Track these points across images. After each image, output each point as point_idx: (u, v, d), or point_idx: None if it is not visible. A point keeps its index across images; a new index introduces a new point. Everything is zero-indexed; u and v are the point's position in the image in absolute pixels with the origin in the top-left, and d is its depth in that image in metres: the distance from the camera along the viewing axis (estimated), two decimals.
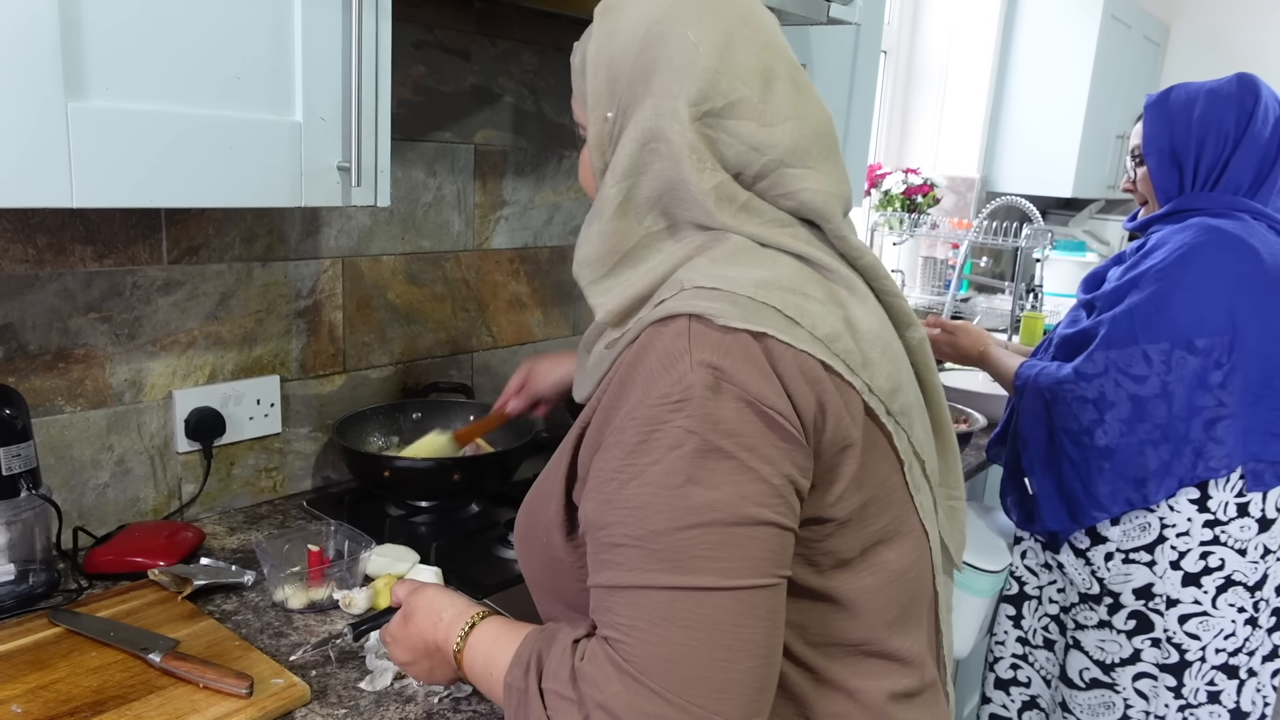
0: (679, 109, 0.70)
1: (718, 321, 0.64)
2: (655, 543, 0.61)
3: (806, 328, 0.66)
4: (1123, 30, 3.42)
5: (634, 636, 0.61)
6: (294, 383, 1.39)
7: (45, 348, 1.13)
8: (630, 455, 0.63)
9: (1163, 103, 1.53)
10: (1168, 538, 1.46)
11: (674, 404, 0.62)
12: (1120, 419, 1.43)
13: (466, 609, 0.80)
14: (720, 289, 0.66)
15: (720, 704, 0.59)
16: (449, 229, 1.56)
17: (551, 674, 0.65)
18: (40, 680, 0.88)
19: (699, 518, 0.60)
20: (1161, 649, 1.49)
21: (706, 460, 0.61)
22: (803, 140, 0.73)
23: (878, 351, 0.71)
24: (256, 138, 0.92)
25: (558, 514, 0.74)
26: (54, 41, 0.76)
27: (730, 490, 0.61)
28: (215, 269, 1.27)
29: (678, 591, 0.60)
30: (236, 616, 1.04)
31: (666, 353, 0.64)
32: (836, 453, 0.67)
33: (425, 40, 1.45)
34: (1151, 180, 1.56)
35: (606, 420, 0.67)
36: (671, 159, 0.71)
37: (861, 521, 0.70)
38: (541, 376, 1.29)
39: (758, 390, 0.62)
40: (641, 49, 0.73)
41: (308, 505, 1.37)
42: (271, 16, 0.91)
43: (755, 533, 0.61)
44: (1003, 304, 3.21)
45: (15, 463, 1.00)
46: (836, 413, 0.66)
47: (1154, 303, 1.43)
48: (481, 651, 0.75)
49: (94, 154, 0.80)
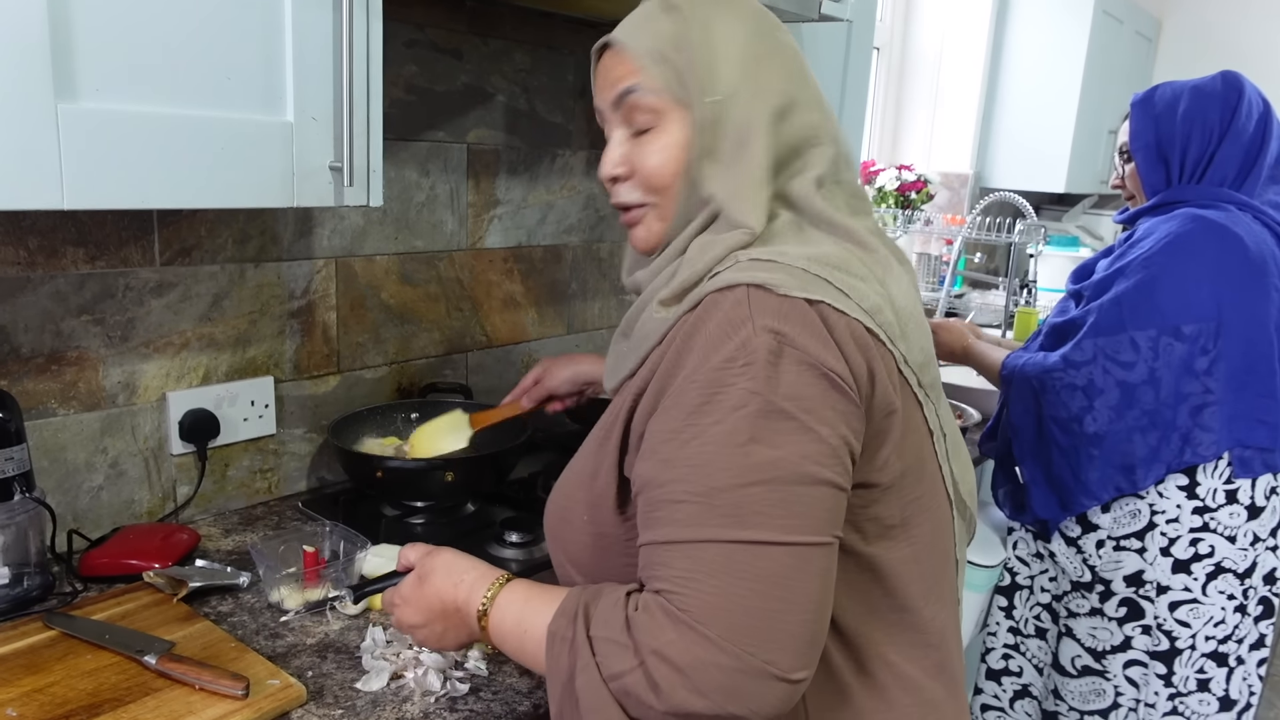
0: (791, 98, 0.77)
1: (777, 290, 0.67)
2: (716, 499, 0.63)
3: (855, 299, 0.70)
4: (1115, 25, 3.43)
5: (690, 588, 0.63)
6: (288, 384, 1.39)
7: (38, 350, 1.12)
8: (692, 415, 0.65)
9: (1148, 100, 1.55)
10: (1158, 524, 1.48)
11: (739, 367, 0.64)
12: (1109, 406, 1.44)
13: (489, 571, 0.81)
14: (776, 261, 0.70)
15: (773, 653, 0.61)
16: (442, 228, 1.56)
17: (602, 622, 0.66)
18: (35, 684, 0.87)
19: (761, 475, 0.63)
20: (1152, 636, 1.50)
21: (769, 420, 0.63)
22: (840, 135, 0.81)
23: (912, 326, 0.76)
24: (248, 138, 0.91)
25: (608, 487, 0.76)
26: (43, 43, 0.76)
27: (792, 449, 0.63)
28: (208, 270, 1.26)
29: (737, 545, 0.62)
30: (232, 618, 1.04)
31: (728, 319, 0.67)
32: (884, 416, 0.71)
33: (417, 39, 1.45)
34: (1139, 176, 1.57)
35: (664, 386, 0.70)
36: (793, 139, 0.77)
37: (901, 489, 0.74)
38: (556, 373, 1.32)
39: (818, 353, 0.65)
40: (747, 43, 0.78)
41: (303, 506, 1.37)
42: (262, 16, 0.91)
43: (814, 491, 0.64)
44: (997, 299, 3.21)
45: (9, 466, 1.00)
46: (883, 378, 0.70)
47: (1141, 290, 1.44)
48: (513, 611, 0.76)
49: (85, 155, 0.80)
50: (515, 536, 1.24)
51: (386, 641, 0.98)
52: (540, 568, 1.21)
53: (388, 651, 0.96)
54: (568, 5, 1.55)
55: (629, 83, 0.79)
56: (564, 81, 1.71)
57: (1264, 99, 1.52)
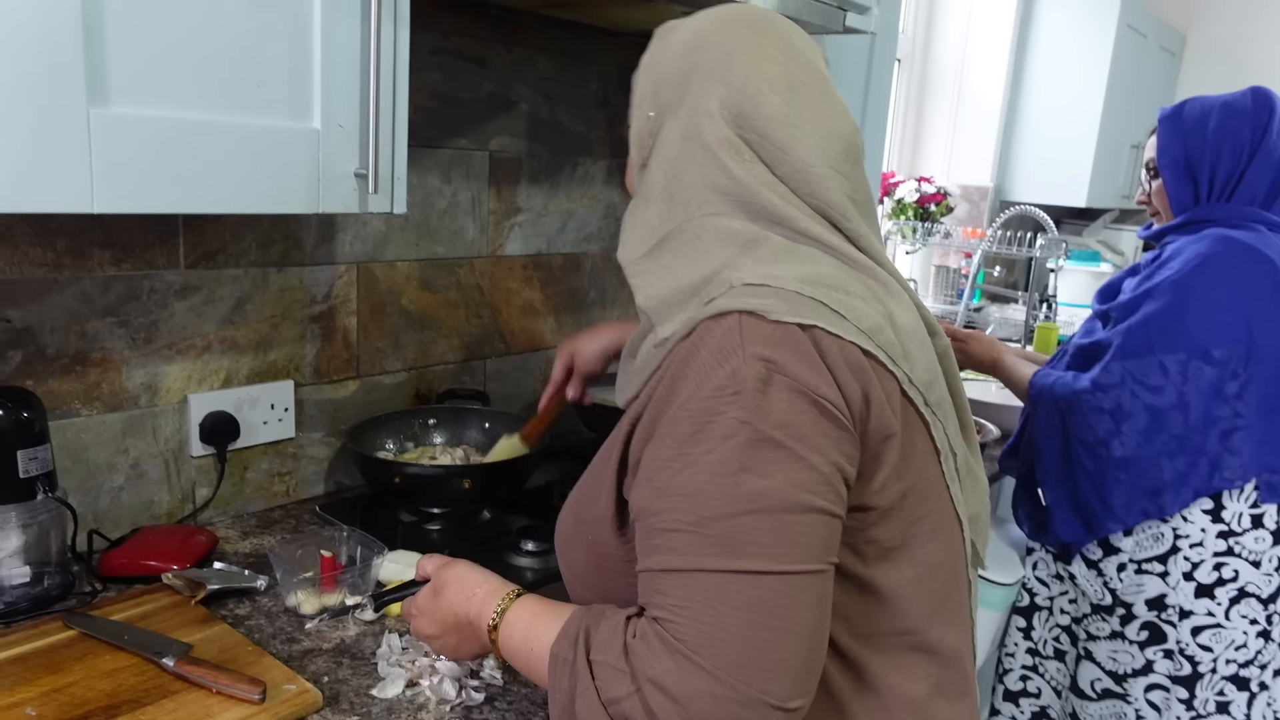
0: (712, 108, 0.76)
1: (768, 317, 0.67)
2: (708, 528, 0.63)
3: (852, 321, 0.69)
4: (1138, 40, 3.41)
5: (685, 616, 0.63)
6: (308, 388, 1.40)
7: (63, 351, 1.13)
8: (684, 445, 0.65)
9: (1177, 116, 1.53)
10: (1181, 548, 1.46)
11: (728, 396, 0.64)
12: (1137, 430, 1.43)
13: (501, 585, 0.81)
14: (768, 285, 0.69)
15: (767, 683, 0.61)
16: (463, 235, 1.56)
17: (602, 646, 0.66)
18: (55, 683, 0.88)
19: (751, 504, 0.63)
20: (1174, 660, 1.48)
21: (759, 449, 0.63)
22: (827, 144, 0.76)
23: (915, 345, 0.75)
24: (275, 144, 0.92)
25: (608, 508, 0.76)
26: (77, 49, 0.76)
27: (781, 478, 0.63)
28: (231, 274, 1.27)
29: (729, 575, 0.62)
30: (249, 621, 1.04)
31: (719, 347, 0.66)
32: (880, 441, 0.70)
33: (442, 47, 1.46)
34: (1166, 193, 1.55)
35: (659, 413, 0.69)
36: (708, 151, 0.76)
37: (903, 511, 0.73)
38: (586, 357, 1.30)
39: (808, 380, 0.65)
40: (683, 56, 0.80)
41: (320, 510, 1.37)
42: (291, 24, 0.91)
43: (806, 519, 0.64)
44: (1016, 314, 3.19)
45: (32, 465, 1.01)
46: (880, 403, 0.69)
47: (1170, 313, 1.42)
48: (520, 627, 0.76)
49: (115, 160, 0.81)
50: (531, 545, 1.24)
51: (402, 648, 0.98)
52: (555, 578, 1.20)
53: (403, 658, 0.96)
54: (591, 14, 1.56)
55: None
56: (586, 90, 1.71)
57: None
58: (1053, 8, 3.28)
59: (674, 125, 0.78)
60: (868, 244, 0.78)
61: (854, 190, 0.77)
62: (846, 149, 0.78)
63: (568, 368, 1.32)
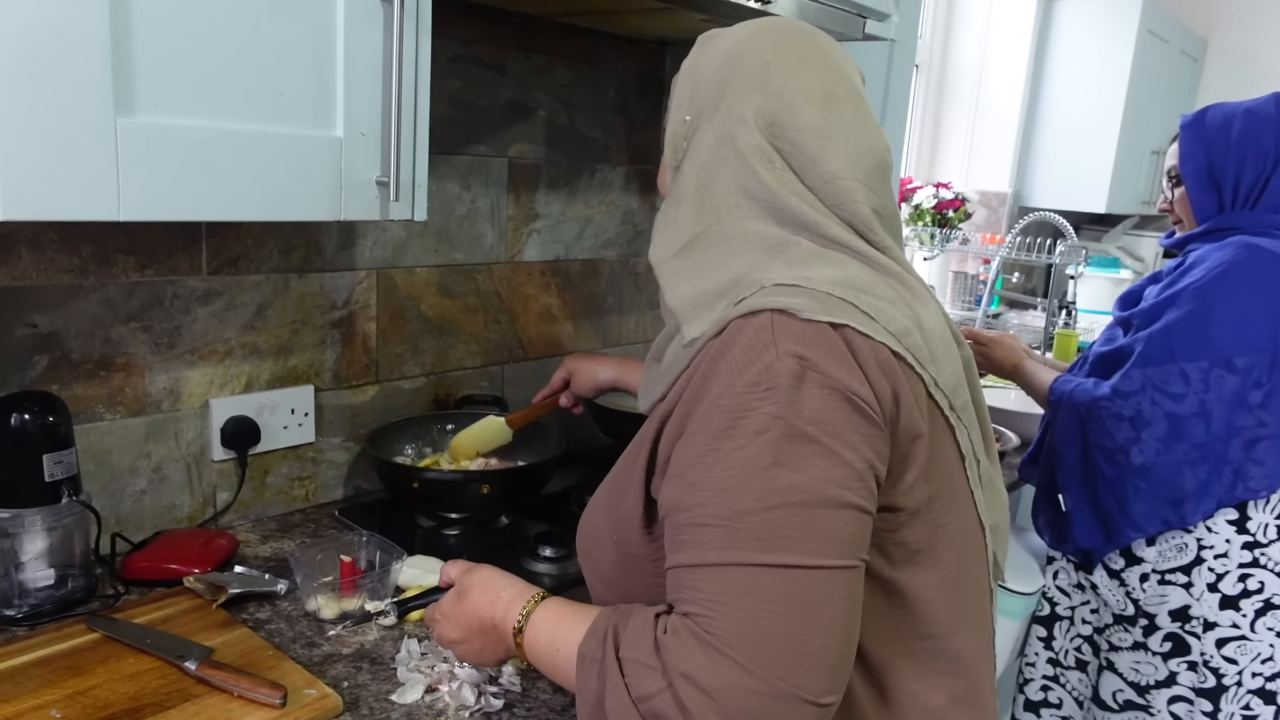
0: (747, 116, 0.77)
1: (800, 315, 0.67)
2: (741, 522, 0.63)
3: (881, 322, 0.70)
4: (1160, 45, 3.39)
5: (717, 611, 0.63)
6: (327, 393, 1.40)
7: (88, 356, 1.14)
8: (716, 440, 0.66)
9: (1199, 123, 1.51)
10: (1205, 559, 1.44)
11: (762, 392, 0.65)
12: (1157, 437, 1.41)
13: (525, 589, 0.81)
14: (800, 286, 0.70)
15: (800, 677, 0.61)
16: (482, 241, 1.57)
17: (631, 643, 0.66)
18: (79, 686, 0.89)
19: (785, 499, 0.63)
20: (1198, 672, 1.47)
21: (792, 445, 0.64)
22: (858, 159, 0.77)
23: (942, 349, 0.76)
24: (298, 152, 0.93)
25: (635, 507, 0.77)
26: (105, 60, 0.77)
27: (815, 473, 0.64)
28: (253, 280, 1.28)
29: (762, 569, 0.63)
30: (269, 625, 1.05)
31: (751, 345, 0.67)
32: (909, 441, 0.70)
33: (462, 55, 1.46)
34: (1189, 201, 1.54)
35: (690, 410, 0.70)
36: (740, 157, 0.77)
37: (929, 514, 0.73)
38: (584, 380, 1.36)
39: (841, 377, 0.66)
40: (723, 63, 0.81)
41: (339, 515, 1.38)
42: (315, 34, 0.92)
43: (838, 514, 0.64)
44: (1034, 320, 3.17)
45: (57, 469, 1.02)
46: (909, 403, 0.70)
47: (1192, 320, 1.41)
48: (546, 630, 0.76)
49: (141, 168, 0.81)
50: (549, 551, 1.24)
51: (421, 654, 0.99)
52: (574, 583, 1.21)
53: (422, 664, 0.97)
54: (610, 22, 1.56)
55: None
56: (605, 97, 1.72)
57: None
58: (1073, 13, 3.26)
59: (708, 130, 0.79)
60: (894, 254, 0.78)
61: (881, 205, 0.78)
62: (877, 165, 0.78)
63: (565, 380, 1.39)
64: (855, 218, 0.76)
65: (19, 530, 1.01)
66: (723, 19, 1.12)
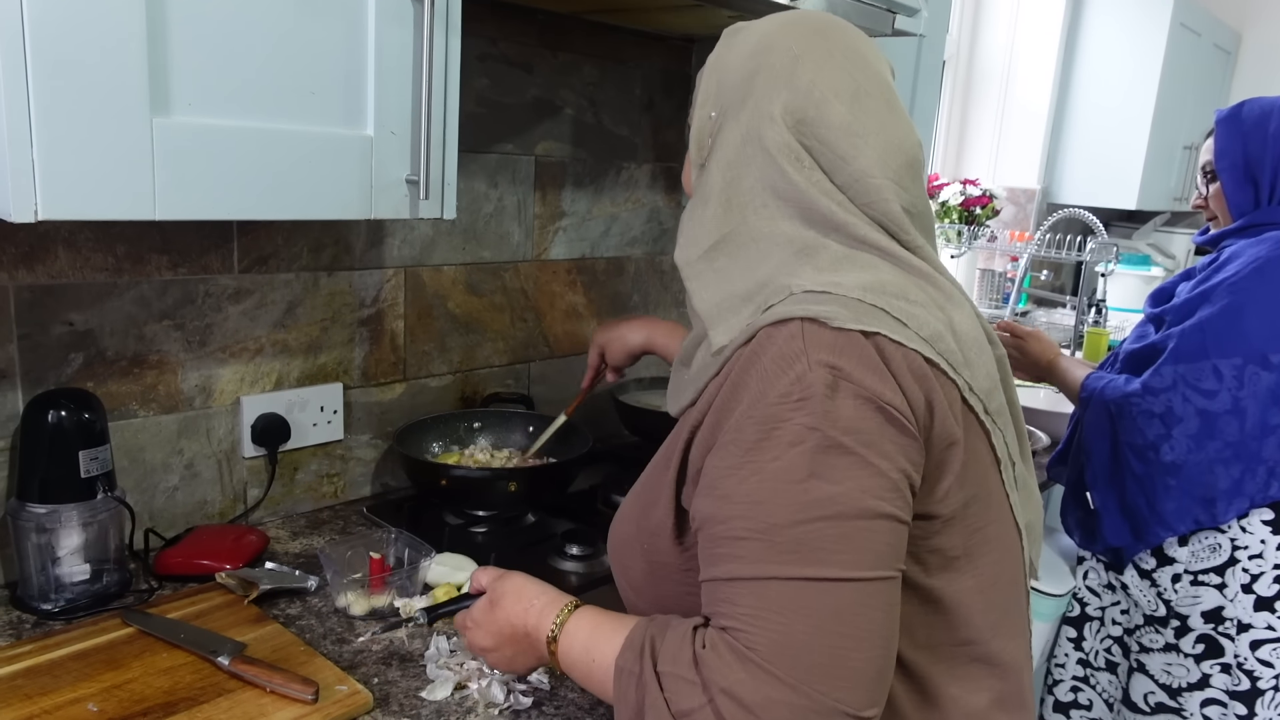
0: (774, 112, 0.75)
1: (831, 324, 0.66)
2: (778, 535, 0.63)
3: (913, 328, 0.69)
4: (1192, 39, 3.33)
5: (757, 626, 0.62)
6: (356, 390, 1.41)
7: (122, 354, 1.16)
8: (749, 452, 0.65)
9: (1235, 118, 1.49)
10: (1239, 560, 1.42)
11: (794, 402, 0.64)
12: (1188, 435, 1.40)
13: (559, 597, 0.81)
14: (830, 292, 0.69)
15: (842, 691, 0.61)
16: (509, 239, 1.57)
17: (669, 658, 0.66)
18: (115, 679, 0.90)
19: (821, 511, 0.62)
20: (1232, 675, 1.45)
21: (827, 456, 0.63)
22: (888, 156, 0.75)
23: (975, 353, 0.74)
24: (329, 151, 0.93)
25: (665, 517, 0.76)
26: (141, 61, 0.78)
27: (851, 485, 0.63)
28: (283, 278, 1.29)
29: (801, 582, 0.62)
30: (300, 621, 1.06)
31: (782, 354, 0.66)
32: (943, 448, 0.70)
33: (489, 53, 1.47)
34: (1225, 196, 1.51)
35: (720, 420, 0.69)
36: (768, 155, 0.75)
37: (965, 520, 0.72)
38: (617, 351, 1.34)
39: (874, 387, 0.65)
40: (749, 57, 0.79)
41: (367, 512, 1.39)
42: (346, 33, 0.93)
43: (875, 525, 0.63)
44: (1063, 318, 3.13)
45: (93, 465, 1.03)
46: (943, 409, 0.69)
47: (1226, 317, 1.39)
48: (580, 639, 0.76)
49: (176, 168, 0.82)
50: (576, 549, 1.24)
51: (450, 651, 0.99)
52: (600, 582, 1.21)
53: (451, 661, 0.97)
54: (637, 19, 1.56)
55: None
56: (631, 95, 1.72)
57: None
58: (1103, 7, 3.22)
59: (734, 127, 0.78)
60: (926, 254, 0.77)
61: (912, 203, 0.76)
62: (908, 162, 0.77)
63: (601, 355, 1.37)
64: (886, 216, 0.75)
65: (56, 525, 1.02)
66: (750, 15, 1.11)
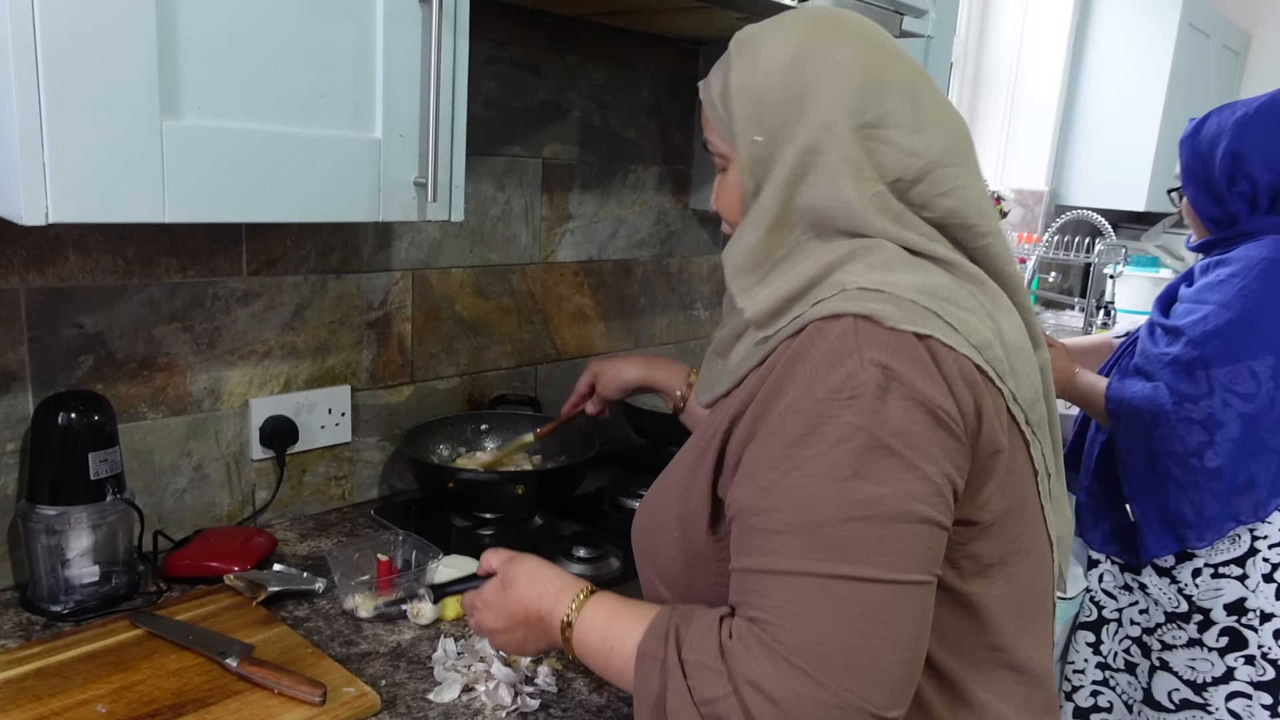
0: (836, 124, 0.73)
1: (885, 323, 0.66)
2: (817, 532, 0.63)
3: (964, 334, 0.69)
4: (1201, 39, 3.32)
5: (787, 620, 0.62)
6: (364, 392, 1.42)
7: (131, 356, 1.16)
8: (793, 446, 0.65)
9: (1194, 137, 1.53)
10: (1259, 550, 1.44)
11: (844, 400, 0.64)
12: (1230, 439, 1.41)
13: (574, 581, 0.81)
14: (884, 291, 0.68)
15: (869, 690, 0.61)
16: (516, 242, 1.58)
17: (695, 645, 0.65)
18: (124, 681, 0.90)
19: (864, 511, 0.62)
20: (1256, 666, 1.46)
21: (873, 456, 0.63)
22: (951, 143, 0.75)
23: (1021, 362, 0.74)
24: (338, 154, 0.94)
25: (700, 506, 0.76)
26: (151, 63, 0.78)
27: (895, 486, 0.63)
28: (292, 281, 1.29)
29: (836, 580, 0.62)
30: (308, 623, 1.06)
31: (833, 349, 0.66)
32: (989, 455, 0.69)
33: (497, 56, 1.47)
34: (1195, 211, 1.56)
35: (762, 413, 0.69)
36: (829, 171, 0.73)
37: (1003, 528, 0.72)
38: (609, 382, 1.29)
39: (926, 390, 0.65)
40: (789, 73, 0.76)
41: (375, 514, 1.39)
42: (355, 36, 0.93)
43: (916, 529, 0.63)
44: (1072, 320, 3.12)
45: (102, 467, 1.03)
46: (990, 417, 0.69)
47: (1246, 320, 1.41)
48: (598, 625, 0.76)
49: (186, 170, 0.82)
50: (584, 551, 1.24)
51: (458, 653, 0.99)
52: (608, 584, 1.20)
53: (459, 663, 0.97)
54: (644, 22, 1.56)
55: (706, 133, 0.84)
56: (638, 97, 1.72)
57: None
58: (1111, 8, 3.21)
59: (790, 148, 0.75)
60: (992, 249, 0.76)
61: (980, 192, 0.76)
62: (969, 147, 0.77)
63: (591, 385, 1.32)
64: (961, 206, 0.74)
65: (65, 527, 1.03)
66: (757, 16, 1.11)
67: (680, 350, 1.96)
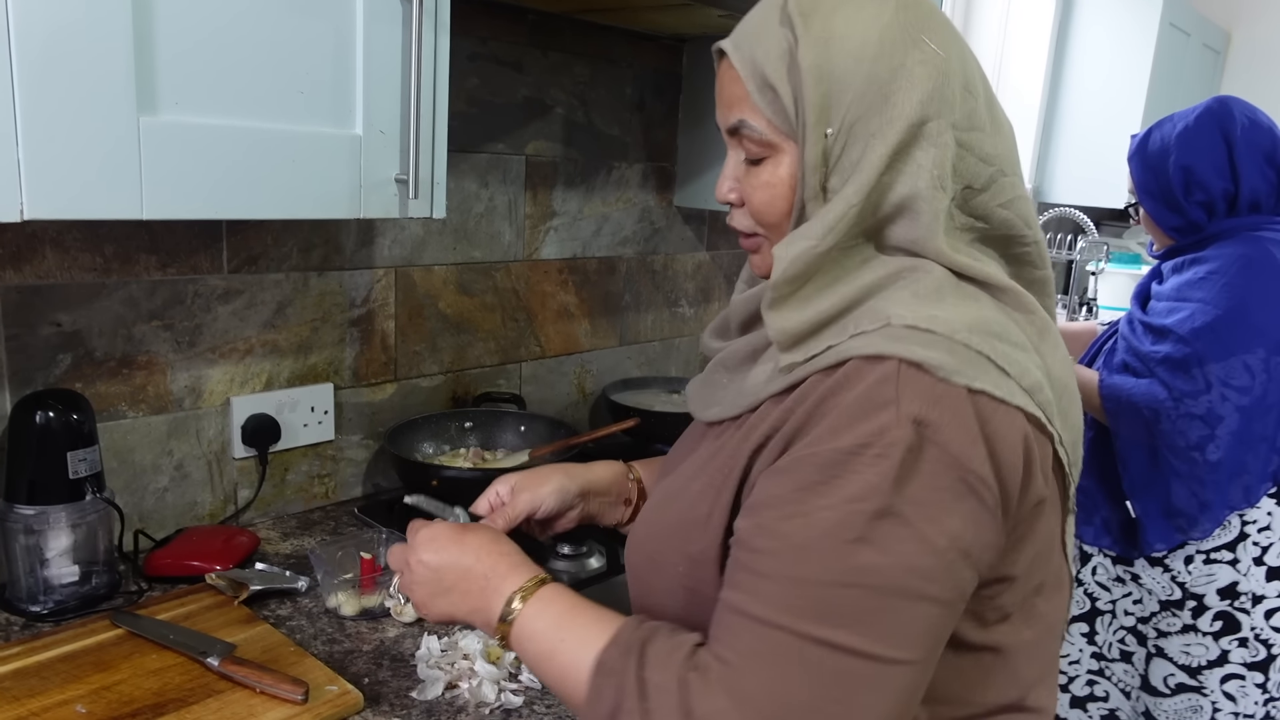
0: (927, 121, 0.65)
1: (936, 373, 0.60)
2: (805, 589, 0.58)
3: (1015, 378, 0.63)
4: (1181, 39, 3.34)
5: (752, 668, 0.58)
6: (347, 391, 1.41)
7: (110, 354, 1.15)
8: (803, 491, 0.60)
9: (1141, 152, 1.56)
10: (1249, 534, 1.47)
11: (871, 456, 0.58)
12: (1230, 432, 1.44)
13: (533, 564, 0.76)
14: (935, 332, 0.62)
15: None
16: (500, 239, 1.57)
17: (658, 664, 0.62)
18: (104, 681, 0.89)
19: (860, 579, 0.58)
20: (1249, 648, 1.49)
21: (884, 523, 0.57)
22: (1011, 149, 0.71)
23: (1067, 401, 0.69)
24: (318, 151, 0.93)
25: (712, 547, 0.69)
26: (128, 58, 0.78)
27: (899, 559, 0.58)
28: (273, 278, 1.29)
29: (811, 641, 0.58)
30: (291, 622, 1.05)
31: (870, 397, 0.60)
32: (1032, 508, 0.64)
33: (479, 53, 1.46)
34: (1155, 223, 1.59)
35: (787, 445, 0.64)
36: (911, 175, 0.65)
37: (1029, 575, 0.68)
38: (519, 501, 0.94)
39: (961, 452, 0.59)
40: (875, 57, 0.65)
41: (358, 512, 1.39)
42: (334, 32, 0.92)
43: (913, 607, 0.59)
44: None
45: (81, 466, 1.03)
46: (1036, 470, 0.64)
47: (1235, 314, 1.44)
48: (553, 613, 0.70)
49: (163, 167, 0.82)
50: (567, 549, 1.24)
51: (441, 651, 0.99)
52: (589, 582, 1.21)
53: (442, 661, 0.97)
54: (627, 19, 1.56)
55: (740, 115, 0.70)
56: (622, 94, 1.72)
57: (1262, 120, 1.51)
58: (1092, 8, 3.23)
59: (877, 145, 0.65)
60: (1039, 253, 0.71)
61: (1030, 198, 0.71)
62: (1018, 152, 0.72)
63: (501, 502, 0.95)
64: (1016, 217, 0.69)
65: (44, 527, 1.02)
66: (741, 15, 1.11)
67: (665, 347, 1.96)
